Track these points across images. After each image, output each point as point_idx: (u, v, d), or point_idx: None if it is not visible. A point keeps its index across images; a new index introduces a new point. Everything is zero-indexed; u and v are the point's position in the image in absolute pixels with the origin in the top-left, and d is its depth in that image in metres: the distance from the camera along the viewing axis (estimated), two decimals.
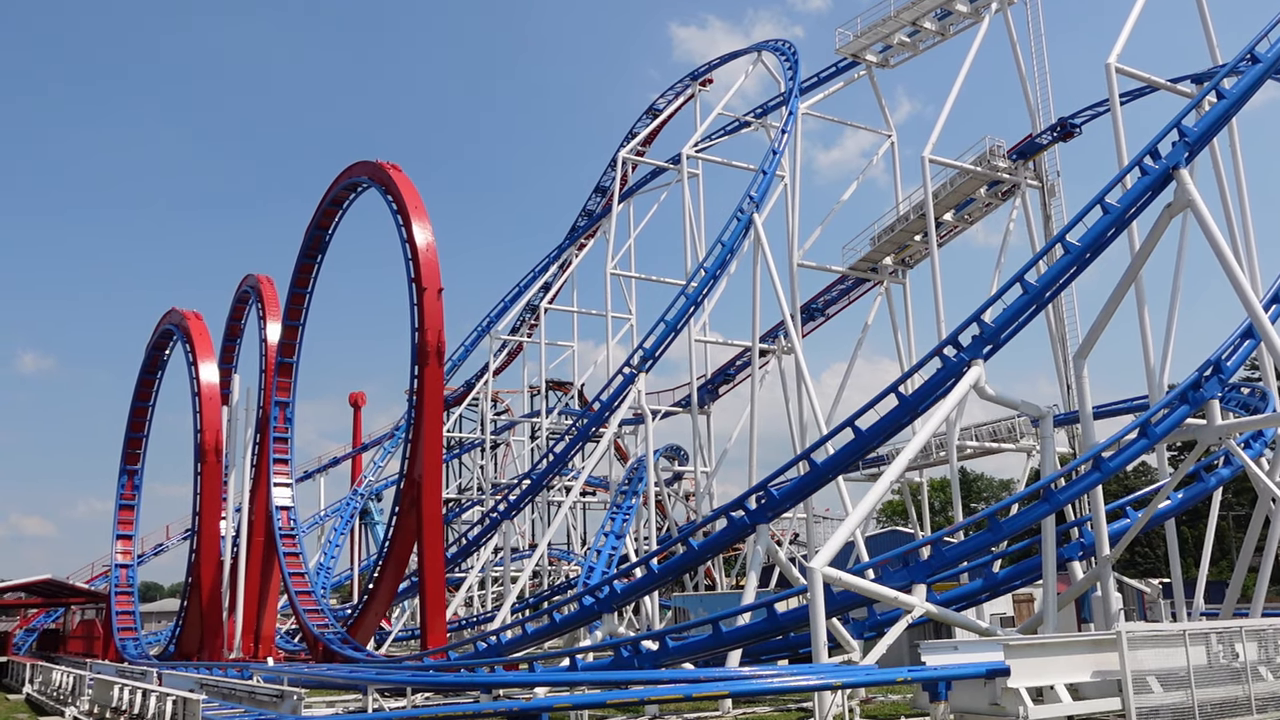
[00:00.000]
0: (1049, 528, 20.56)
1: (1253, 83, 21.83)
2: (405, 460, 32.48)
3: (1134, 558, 62.07)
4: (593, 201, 61.13)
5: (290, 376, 41.77)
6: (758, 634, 21.38)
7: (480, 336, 63.39)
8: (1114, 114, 26.14)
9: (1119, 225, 21.18)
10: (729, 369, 53.73)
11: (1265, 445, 24.95)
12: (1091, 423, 22.77)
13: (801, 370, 37.06)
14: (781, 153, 38.69)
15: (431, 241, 32.86)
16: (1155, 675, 15.49)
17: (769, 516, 23.20)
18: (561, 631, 28.86)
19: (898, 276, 43.18)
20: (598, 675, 19.07)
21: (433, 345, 31.85)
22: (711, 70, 53.61)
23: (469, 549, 47.92)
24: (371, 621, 34.75)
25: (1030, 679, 15.07)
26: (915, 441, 21.44)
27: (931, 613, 19.67)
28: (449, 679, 21.08)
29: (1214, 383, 20.26)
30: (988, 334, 20.95)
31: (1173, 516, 24.17)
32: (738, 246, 37.43)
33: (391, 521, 32.93)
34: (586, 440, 41.74)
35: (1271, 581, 27.48)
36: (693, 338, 41.96)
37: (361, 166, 37.46)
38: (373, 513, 66.51)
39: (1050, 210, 39.56)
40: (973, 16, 39.57)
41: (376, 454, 66.03)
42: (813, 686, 16.27)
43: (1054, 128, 38.19)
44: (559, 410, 63.16)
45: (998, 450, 41.12)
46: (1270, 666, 16.59)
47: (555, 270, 61.46)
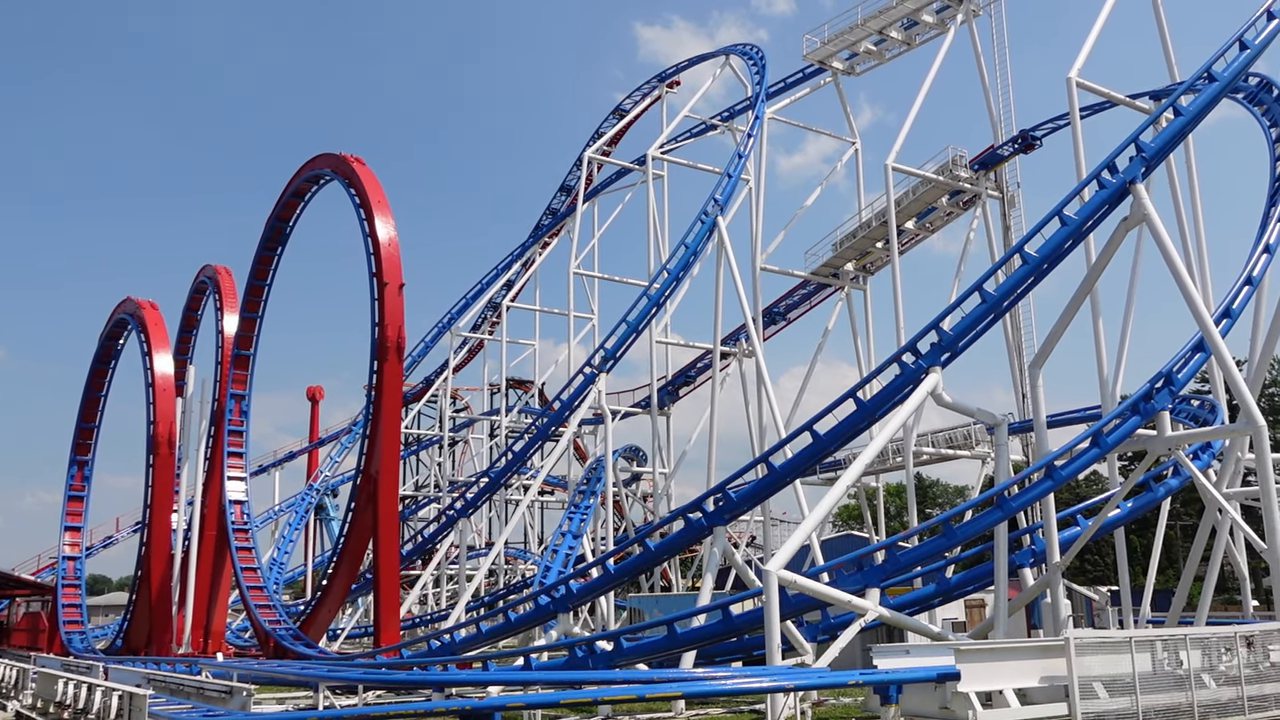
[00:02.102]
0: (1001, 534, 20.80)
1: (1209, 101, 22.24)
2: (362, 456, 32.22)
3: (1084, 565, 62.97)
4: (557, 200, 61.04)
5: (247, 369, 41.29)
6: (712, 635, 21.44)
7: (441, 333, 63.04)
8: (1074, 128, 26.53)
9: (1076, 237, 21.48)
10: (689, 371, 53.87)
11: (1213, 457, 25.46)
12: (1045, 431, 23.07)
13: (762, 373, 37.24)
14: (747, 156, 38.85)
15: (394, 236, 32.63)
16: (1101, 681, 15.74)
17: (726, 519, 23.27)
18: (516, 631, 28.74)
19: (859, 282, 43.55)
20: (551, 675, 19.02)
21: (393, 341, 31.63)
22: (679, 72, 53.75)
23: (425, 546, 47.61)
24: (324, 618, 34.41)
25: (980, 684, 15.25)
26: (872, 446, 21.63)
27: (884, 617, 19.83)
28: (401, 677, 20.92)
29: (1165, 394, 20.60)
30: (946, 341, 21.16)
31: (1122, 525, 24.58)
32: (701, 249, 37.53)
33: (347, 518, 32.63)
34: (546, 439, 41.65)
35: (1216, 591, 28.05)
36: (654, 339, 42.02)
37: (324, 159, 37.11)
38: (328, 508, 65.87)
39: (1010, 221, 40.09)
40: (938, 27, 39.99)
41: (333, 449, 65.39)
42: (765, 688, 16.35)
43: (1015, 139, 38.71)
44: (519, 409, 62.97)
45: (953, 457, 41.65)
46: (1213, 674, 16.91)
47: (518, 268, 61.28)
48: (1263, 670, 17.54)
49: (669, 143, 47.25)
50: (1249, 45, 22.70)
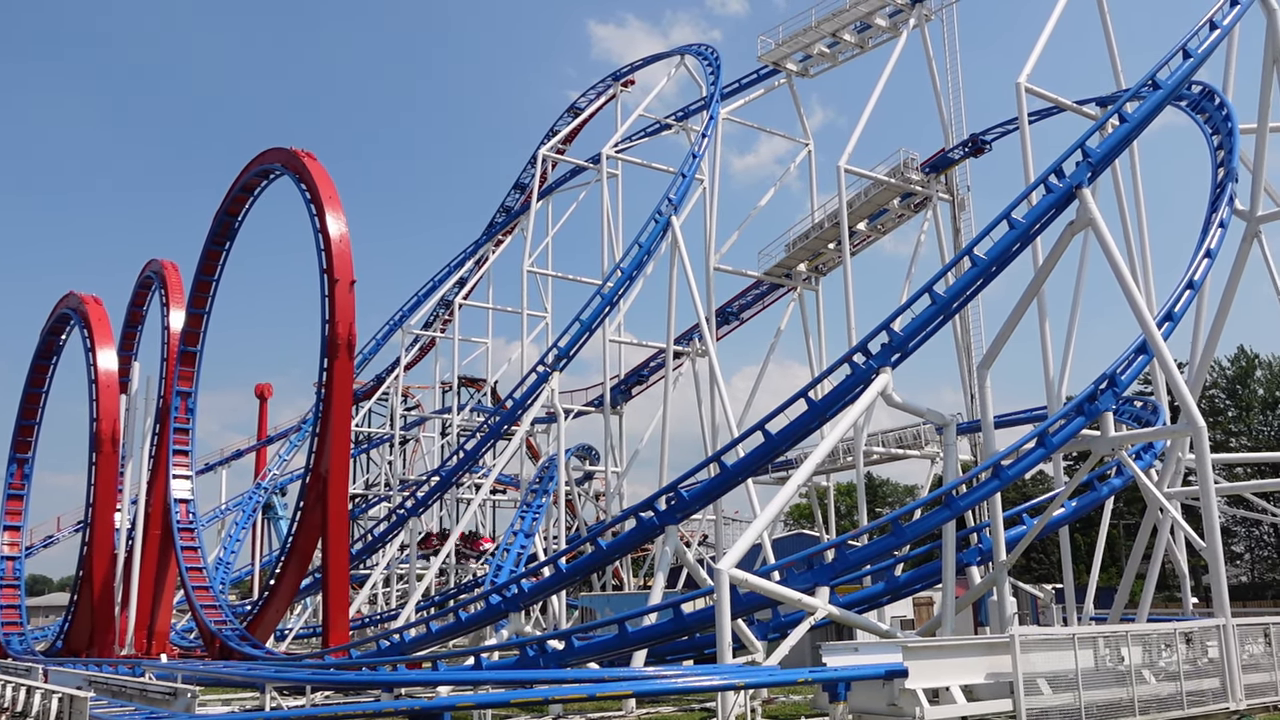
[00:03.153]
0: (949, 533, 21.04)
1: (1153, 108, 22.65)
2: (312, 454, 31.86)
3: (1030, 563, 63.99)
4: (511, 198, 60.79)
5: (193, 366, 40.66)
6: (664, 634, 21.47)
7: (392, 330, 62.52)
8: (1023, 132, 26.92)
9: (1024, 240, 21.79)
10: (643, 370, 53.92)
11: (1155, 457, 25.97)
12: (993, 431, 23.38)
13: (714, 373, 37.39)
14: (701, 156, 38.97)
15: (345, 233, 32.32)
16: (1045, 677, 15.98)
17: (678, 518, 23.31)
18: (467, 630, 28.59)
19: (811, 283, 43.86)
20: (502, 674, 18.93)
21: (343, 338, 31.33)
22: (634, 71, 53.79)
23: (375, 545, 47.19)
24: (272, 618, 33.99)
25: (927, 680, 15.41)
26: (823, 446, 21.78)
27: (834, 615, 19.98)
28: (350, 677, 20.71)
29: (1108, 396, 20.97)
30: (896, 342, 21.36)
31: (1066, 524, 24.99)
32: (655, 248, 37.59)
33: (296, 516, 32.26)
34: (498, 438, 41.47)
35: (1157, 588, 28.61)
36: (607, 338, 42.01)
37: (274, 153, 36.65)
38: (276, 507, 65.06)
39: (960, 223, 40.61)
40: (891, 31, 40.40)
41: (282, 447, 64.59)
42: (716, 687, 16.40)
43: (965, 143, 39.21)
44: (471, 407, 62.60)
45: (903, 456, 42.10)
46: (1153, 670, 17.24)
47: (471, 266, 60.94)
48: (1201, 666, 17.92)
49: (623, 142, 47.26)
50: (1192, 54, 23.16)
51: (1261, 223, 26.32)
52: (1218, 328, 27.13)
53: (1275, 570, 67.55)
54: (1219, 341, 28.01)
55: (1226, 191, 24.69)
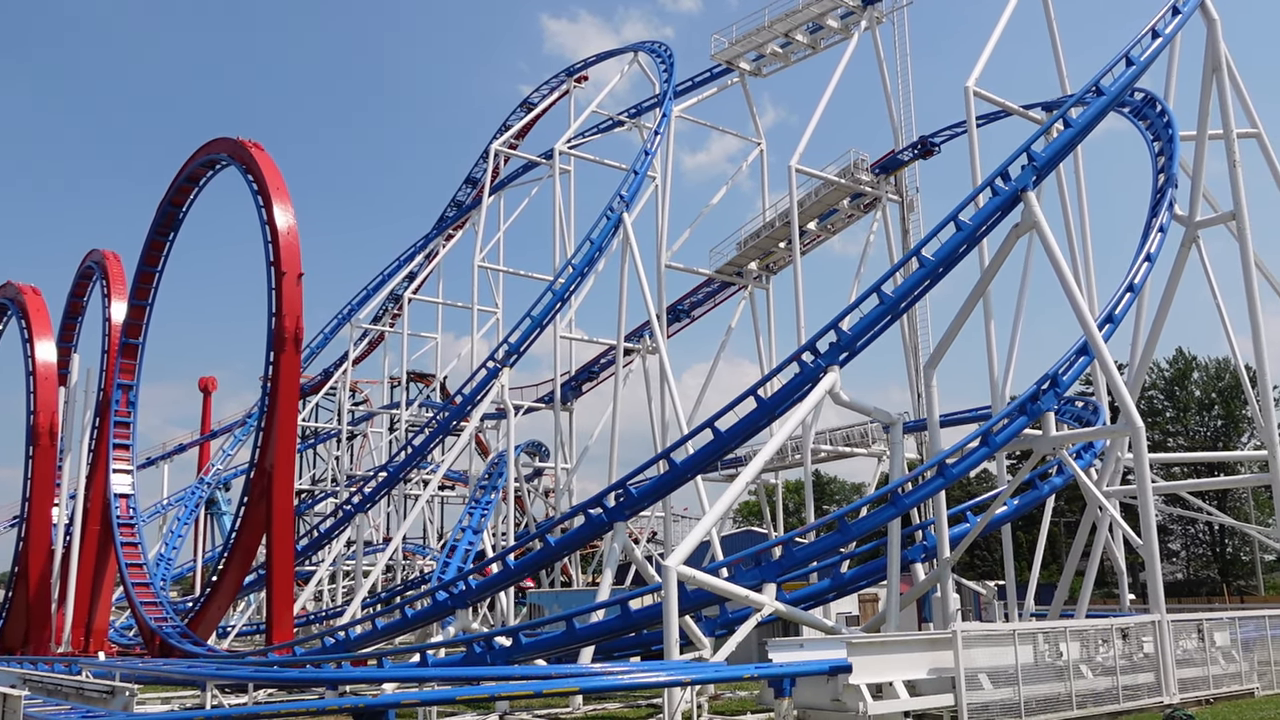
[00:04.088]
0: (895, 530, 21.30)
1: (1097, 113, 23.09)
2: (256, 449, 31.43)
3: (973, 560, 65.01)
4: (463, 192, 60.44)
5: (135, 358, 39.90)
6: (611, 631, 21.49)
7: (340, 324, 61.86)
8: (970, 135, 27.26)
9: (970, 242, 22.10)
10: (593, 366, 53.89)
11: (1094, 456, 26.50)
12: (938, 430, 23.71)
13: (665, 370, 37.44)
14: (653, 154, 39.02)
15: (293, 225, 31.93)
16: (986, 672, 16.22)
17: (627, 514, 23.35)
18: (413, 627, 28.41)
19: (761, 282, 44.11)
20: (448, 671, 18.84)
21: (290, 332, 30.95)
22: (587, 67, 53.71)
23: (320, 542, 46.66)
24: (214, 615, 33.48)
25: (870, 676, 15.57)
26: (772, 444, 21.91)
27: (780, 611, 20.13)
28: (293, 674, 20.47)
29: (1050, 396, 21.35)
30: (844, 341, 21.56)
31: (1009, 521, 25.39)
32: (607, 245, 37.58)
33: (240, 512, 31.81)
34: (447, 434, 41.24)
35: (1096, 585, 29.20)
36: (558, 334, 41.95)
37: (221, 143, 36.08)
38: (220, 502, 64.02)
39: (909, 224, 41.05)
40: (843, 33, 40.72)
41: (226, 442, 63.62)
42: (662, 683, 16.44)
43: (915, 145, 39.63)
44: (420, 402, 62.15)
45: (850, 454, 42.50)
46: (1091, 665, 17.59)
47: (421, 260, 60.50)
48: (1136, 661, 18.32)
49: (576, 138, 47.17)
50: (1135, 61, 23.64)
51: (1200, 228, 26.93)
52: (1157, 330, 27.73)
53: (1210, 567, 69.22)
54: (1158, 343, 28.64)
55: (1166, 197, 25.23)
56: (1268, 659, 21.06)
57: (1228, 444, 65.66)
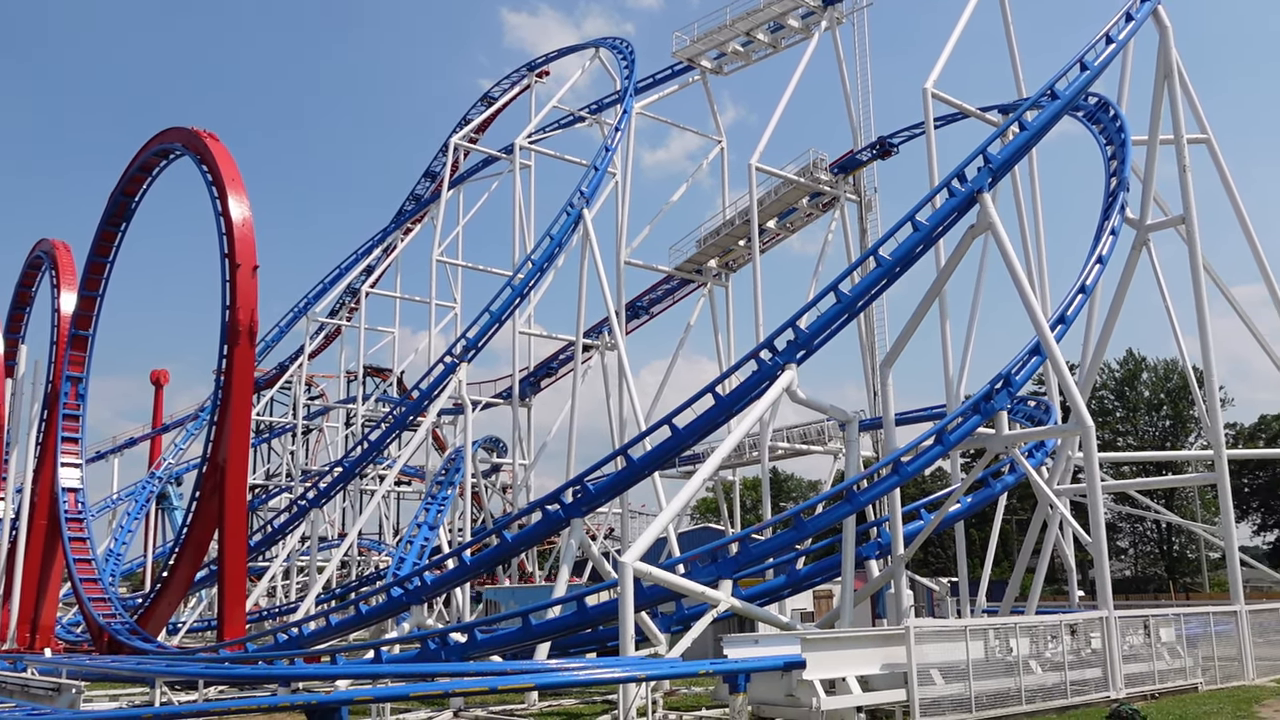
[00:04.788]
0: (849, 527, 21.46)
1: (1051, 117, 23.42)
2: (209, 443, 31.04)
3: (927, 557, 65.74)
4: (421, 186, 60.02)
5: (85, 350, 39.24)
6: (567, 627, 21.48)
7: (296, 317, 61.18)
8: (928, 137, 27.53)
9: (927, 242, 22.32)
10: (551, 362, 53.76)
11: (1046, 455, 26.89)
12: (894, 428, 23.92)
13: (623, 367, 37.44)
14: (614, 150, 38.98)
15: (248, 217, 31.56)
16: (938, 668, 16.41)
17: (584, 511, 23.35)
18: (368, 623, 28.22)
19: (721, 279, 44.25)
20: (402, 668, 18.73)
21: (244, 325, 30.59)
22: (548, 62, 53.53)
23: (274, 537, 46.19)
24: (164, 611, 33.03)
25: (824, 671, 15.69)
26: (729, 441, 22.01)
27: (736, 607, 20.23)
28: (245, 671, 20.29)
29: (1003, 395, 21.63)
30: (802, 339, 21.70)
31: (962, 519, 25.71)
32: (566, 241, 37.50)
33: (191, 507, 31.40)
34: (404, 429, 40.95)
35: (1046, 581, 29.60)
36: (517, 329, 41.83)
37: (175, 132, 35.57)
38: (171, 497, 63.12)
39: (866, 224, 41.35)
40: (803, 32, 40.92)
41: (178, 436, 62.74)
42: (618, 679, 16.45)
43: (873, 145, 39.91)
44: (376, 397, 61.68)
45: (807, 452, 42.75)
46: (1040, 661, 17.86)
47: (379, 254, 59.97)
48: (1084, 656, 18.63)
49: (537, 133, 47.02)
50: (1089, 66, 24.00)
51: (1150, 231, 27.39)
52: (1108, 331, 28.19)
53: (1157, 565, 70.53)
54: (1109, 344, 29.11)
55: (1118, 200, 25.63)
56: (1211, 655, 21.51)
57: (1175, 444, 66.93)
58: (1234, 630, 22.23)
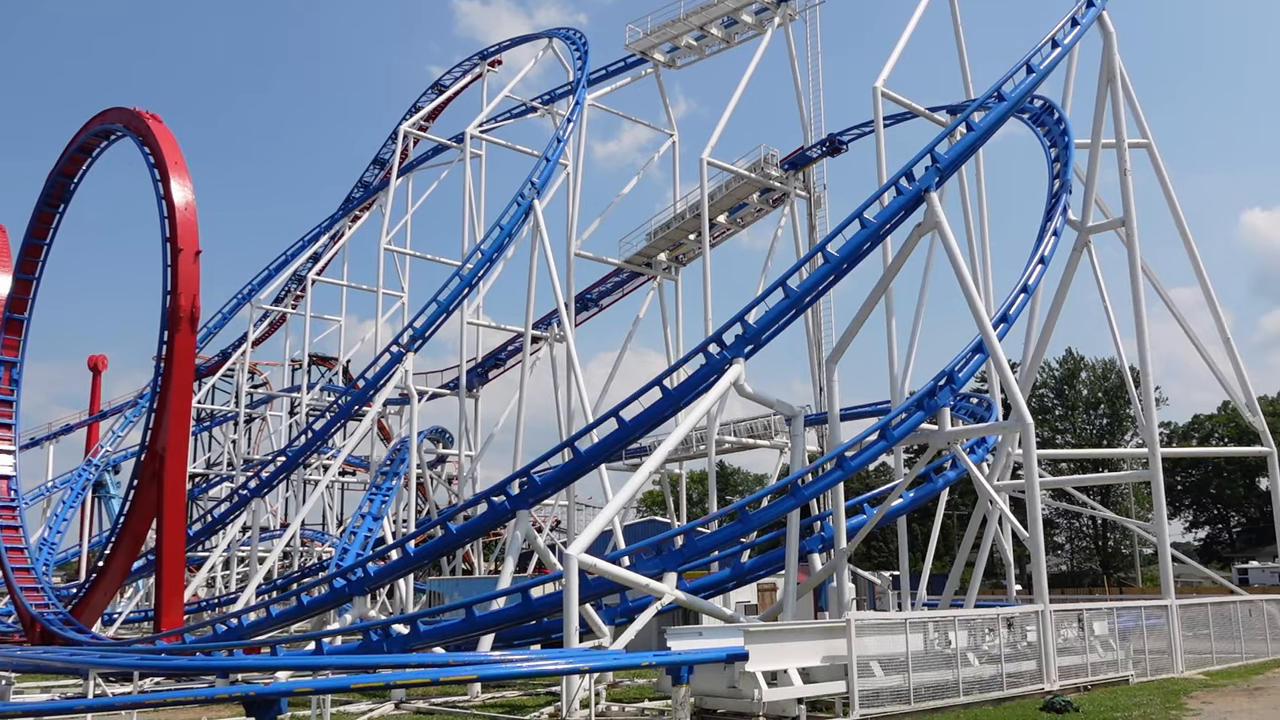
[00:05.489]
0: (794, 521, 21.65)
1: (998, 118, 23.76)
2: (148, 431, 30.45)
3: (869, 551, 66.46)
4: (370, 173, 59.37)
5: (20, 334, 38.24)
6: (512, 619, 21.43)
7: (240, 304, 60.27)
8: (878, 135, 27.80)
9: (874, 239, 22.55)
10: (500, 353, 53.51)
11: (987, 451, 27.33)
12: (838, 423, 24.17)
13: (572, 359, 37.36)
14: (566, 141, 38.84)
15: (191, 200, 30.97)
16: (878, 660, 16.64)
17: (530, 502, 23.28)
18: (309, 614, 27.89)
19: (670, 273, 44.34)
20: (344, 659, 18.54)
21: (186, 311, 30.02)
22: (501, 51, 53.19)
23: (214, 527, 45.45)
24: (100, 601, 32.37)
25: (766, 663, 15.83)
26: (676, 434, 22.08)
27: (680, 599, 20.33)
28: (182, 662, 19.92)
29: (946, 392, 21.93)
30: (750, 334, 21.81)
31: (904, 513, 26.04)
32: (516, 231, 37.29)
33: (129, 496, 30.81)
34: (349, 418, 40.52)
35: (985, 575, 30.15)
36: (465, 320, 41.57)
37: (116, 113, 34.77)
38: (108, 485, 61.88)
39: (815, 220, 41.67)
40: (756, 28, 41.07)
41: (116, 423, 61.51)
42: (561, 671, 16.47)
43: (823, 143, 40.22)
44: (321, 386, 60.97)
45: (753, 446, 43.06)
46: (977, 653, 18.17)
47: (326, 241, 59.27)
48: (1020, 649, 19.00)
49: (488, 122, 46.69)
50: (1035, 69, 24.38)
51: (1091, 233, 27.90)
52: (1048, 330, 28.69)
53: (1092, 560, 72.04)
54: (1049, 343, 29.64)
55: (1061, 202, 26.08)
56: (1142, 648, 22.05)
57: (1112, 442, 68.39)
58: (1164, 624, 22.80)
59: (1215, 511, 74.62)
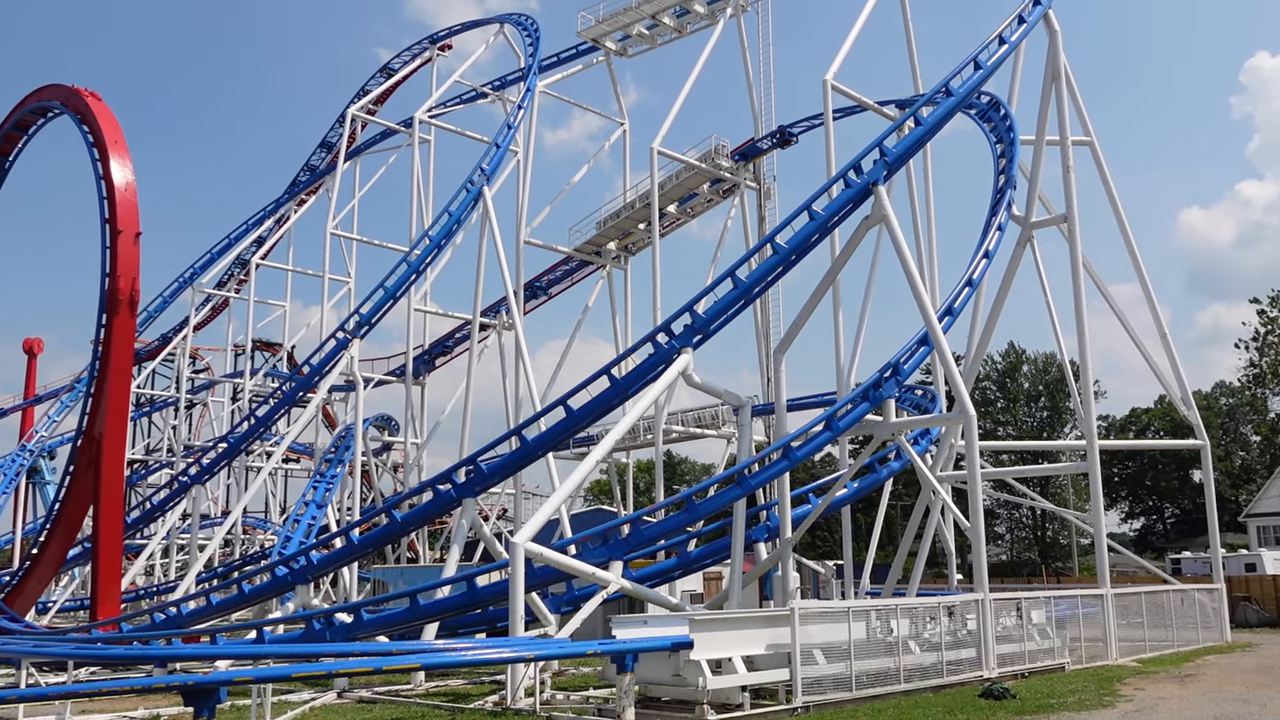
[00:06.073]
0: (740, 510, 21.76)
1: (945, 113, 24.01)
2: (85, 416, 29.82)
3: (814, 541, 67.15)
4: (317, 157, 58.53)
5: None
6: (456, 607, 21.33)
7: (182, 288, 59.18)
8: (827, 128, 27.95)
9: (823, 232, 22.70)
10: (447, 341, 53.17)
11: (930, 442, 27.67)
12: (785, 414, 24.32)
13: (520, 347, 37.22)
14: (516, 128, 38.60)
15: (131, 181, 30.33)
16: (821, 648, 16.79)
17: (477, 491, 23.16)
18: (251, 603, 27.53)
19: (620, 262, 44.33)
20: (285, 648, 18.32)
21: (125, 294, 29.41)
22: (451, 36, 52.68)
23: (153, 514, 44.64)
24: (33, 590, 31.66)
25: (711, 652, 15.90)
26: (624, 423, 22.08)
27: (626, 588, 20.36)
28: (118, 652, 19.60)
29: (892, 383, 22.17)
30: (698, 324, 21.87)
31: (849, 503, 26.30)
32: (465, 218, 37.02)
33: (65, 482, 30.16)
34: (293, 405, 40.00)
35: (928, 565, 30.54)
36: (412, 306, 41.23)
37: (54, 90, 33.94)
38: (43, 471, 60.51)
39: (765, 211, 41.89)
40: (709, 19, 41.12)
41: (52, 407, 60.16)
42: (506, 659, 16.42)
43: (774, 134, 40.40)
44: (265, 372, 60.11)
45: (701, 435, 43.26)
46: (919, 641, 18.43)
47: (271, 224, 58.33)
48: (960, 637, 19.31)
49: (438, 107, 46.28)
50: (982, 65, 24.65)
51: (1035, 228, 28.35)
52: (992, 324, 29.12)
53: (1031, 550, 73.42)
54: (992, 337, 30.08)
55: (1005, 197, 26.45)
56: (1079, 636, 22.54)
57: (1052, 434, 69.69)
58: (1100, 613, 23.30)
59: (1150, 503, 76.43)
